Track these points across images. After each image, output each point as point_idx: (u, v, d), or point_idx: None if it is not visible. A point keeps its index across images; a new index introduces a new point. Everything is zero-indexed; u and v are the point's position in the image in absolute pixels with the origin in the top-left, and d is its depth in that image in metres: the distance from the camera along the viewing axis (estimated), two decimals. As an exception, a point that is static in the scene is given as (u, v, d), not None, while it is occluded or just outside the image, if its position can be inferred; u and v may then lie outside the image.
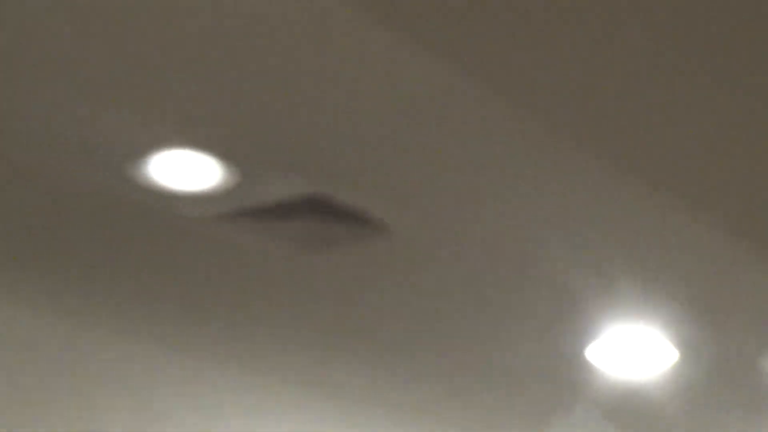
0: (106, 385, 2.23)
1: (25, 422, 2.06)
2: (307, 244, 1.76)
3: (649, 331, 2.23)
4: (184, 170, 1.45)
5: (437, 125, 1.29)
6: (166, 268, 1.94)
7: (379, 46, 1.05)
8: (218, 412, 2.44)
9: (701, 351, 2.33)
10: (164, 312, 2.19)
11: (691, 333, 2.22)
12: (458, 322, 2.21)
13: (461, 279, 1.96)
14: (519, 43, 1.08)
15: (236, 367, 2.50)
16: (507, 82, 1.19)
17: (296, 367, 2.52)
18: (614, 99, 1.26)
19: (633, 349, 2.33)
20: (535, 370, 2.45)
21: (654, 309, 2.09)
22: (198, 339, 2.35)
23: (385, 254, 1.85)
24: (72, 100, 1.24)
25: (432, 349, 2.41)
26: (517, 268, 1.90)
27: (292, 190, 1.55)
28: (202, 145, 1.39)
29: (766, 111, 1.31)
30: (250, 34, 1.03)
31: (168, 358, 2.37)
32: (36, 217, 1.66)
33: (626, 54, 1.13)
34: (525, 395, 2.66)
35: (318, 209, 1.63)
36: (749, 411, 2.80)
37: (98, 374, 2.22)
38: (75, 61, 1.13)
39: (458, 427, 2.97)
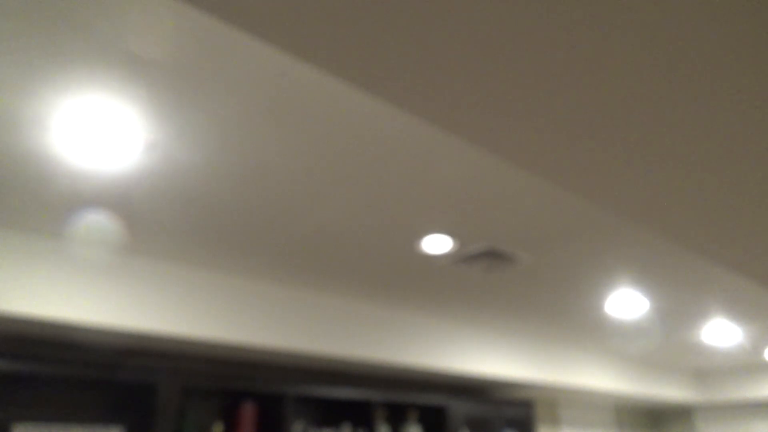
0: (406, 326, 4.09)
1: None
2: (483, 270, 3.46)
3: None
4: (436, 244, 3.14)
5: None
6: (427, 285, 3.84)
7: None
8: (453, 350, 4.31)
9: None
10: (426, 303, 4.09)
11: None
12: (543, 301, 4.08)
13: (545, 285, 3.69)
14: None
15: (458, 321, 4.41)
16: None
17: (477, 320, 4.39)
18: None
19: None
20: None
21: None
22: (443, 315, 4.40)
23: (515, 274, 3.54)
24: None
25: (527, 315, 4.33)
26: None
27: (480, 248, 3.22)
28: (446, 233, 3.07)
29: None
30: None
31: (430, 321, 4.25)
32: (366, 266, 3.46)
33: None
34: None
35: (488, 254, 3.30)
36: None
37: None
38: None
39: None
